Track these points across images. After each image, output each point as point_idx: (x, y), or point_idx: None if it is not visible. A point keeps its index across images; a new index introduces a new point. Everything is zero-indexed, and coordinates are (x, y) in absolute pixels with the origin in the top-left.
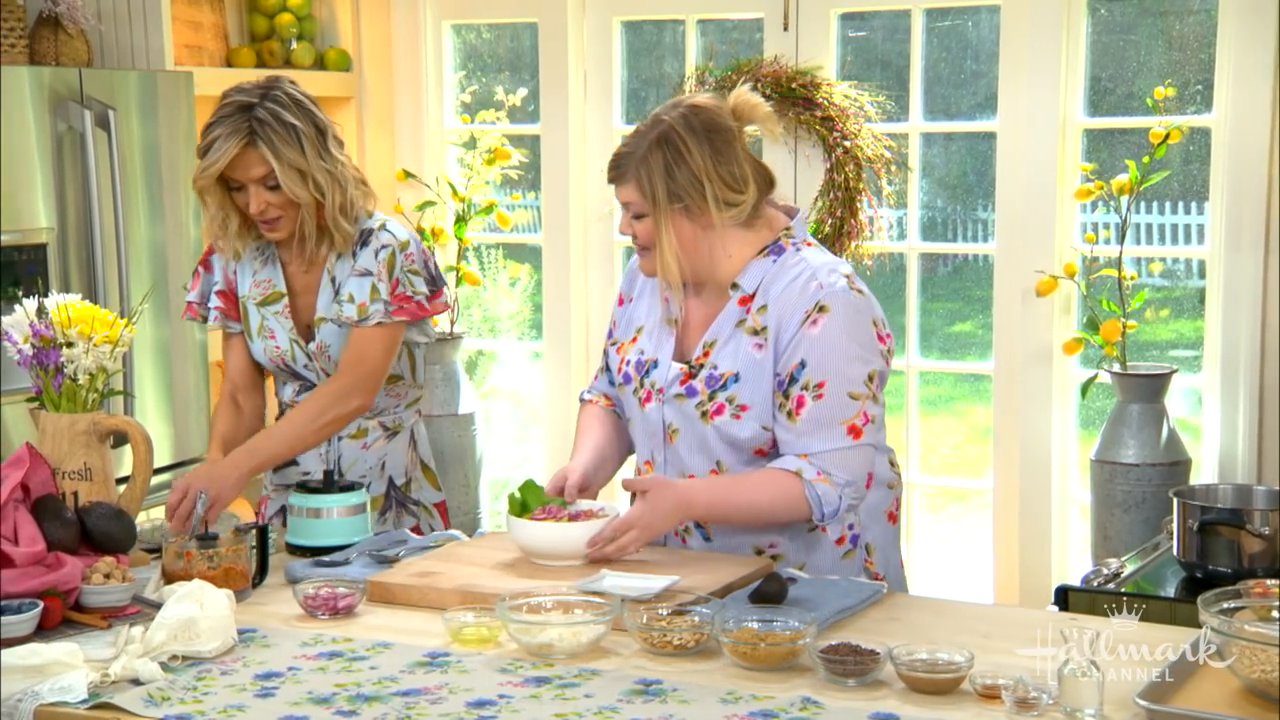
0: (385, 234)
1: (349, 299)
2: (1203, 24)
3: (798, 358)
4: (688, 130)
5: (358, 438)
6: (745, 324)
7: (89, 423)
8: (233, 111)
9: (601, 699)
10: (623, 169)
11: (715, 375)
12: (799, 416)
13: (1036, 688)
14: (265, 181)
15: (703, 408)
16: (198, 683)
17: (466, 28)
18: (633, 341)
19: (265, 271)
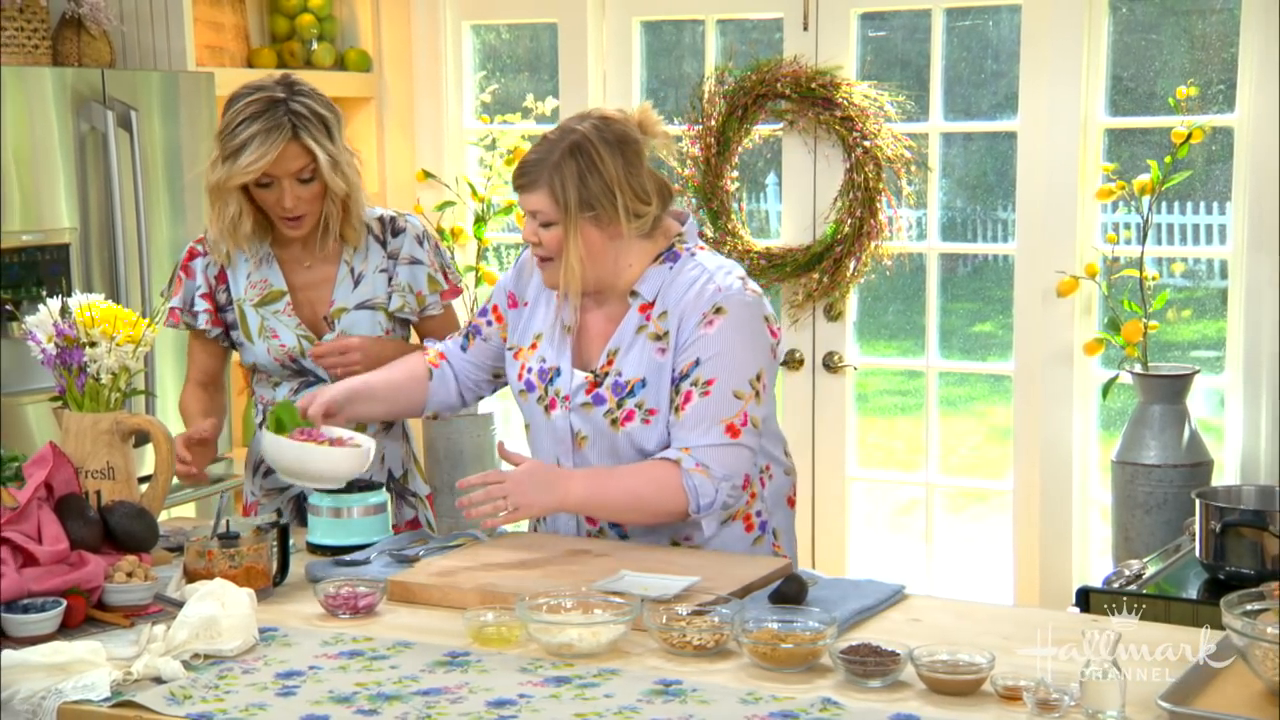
0: (413, 221)
1: (407, 289)
2: (1225, 23)
3: (693, 357)
4: (600, 140)
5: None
6: (646, 330)
7: (111, 422)
8: (264, 108)
9: (621, 699)
10: (533, 176)
11: (621, 382)
12: (683, 411)
13: (1058, 689)
14: (299, 175)
15: (612, 415)
16: (219, 681)
17: (486, 28)
18: (532, 348)
19: (260, 272)
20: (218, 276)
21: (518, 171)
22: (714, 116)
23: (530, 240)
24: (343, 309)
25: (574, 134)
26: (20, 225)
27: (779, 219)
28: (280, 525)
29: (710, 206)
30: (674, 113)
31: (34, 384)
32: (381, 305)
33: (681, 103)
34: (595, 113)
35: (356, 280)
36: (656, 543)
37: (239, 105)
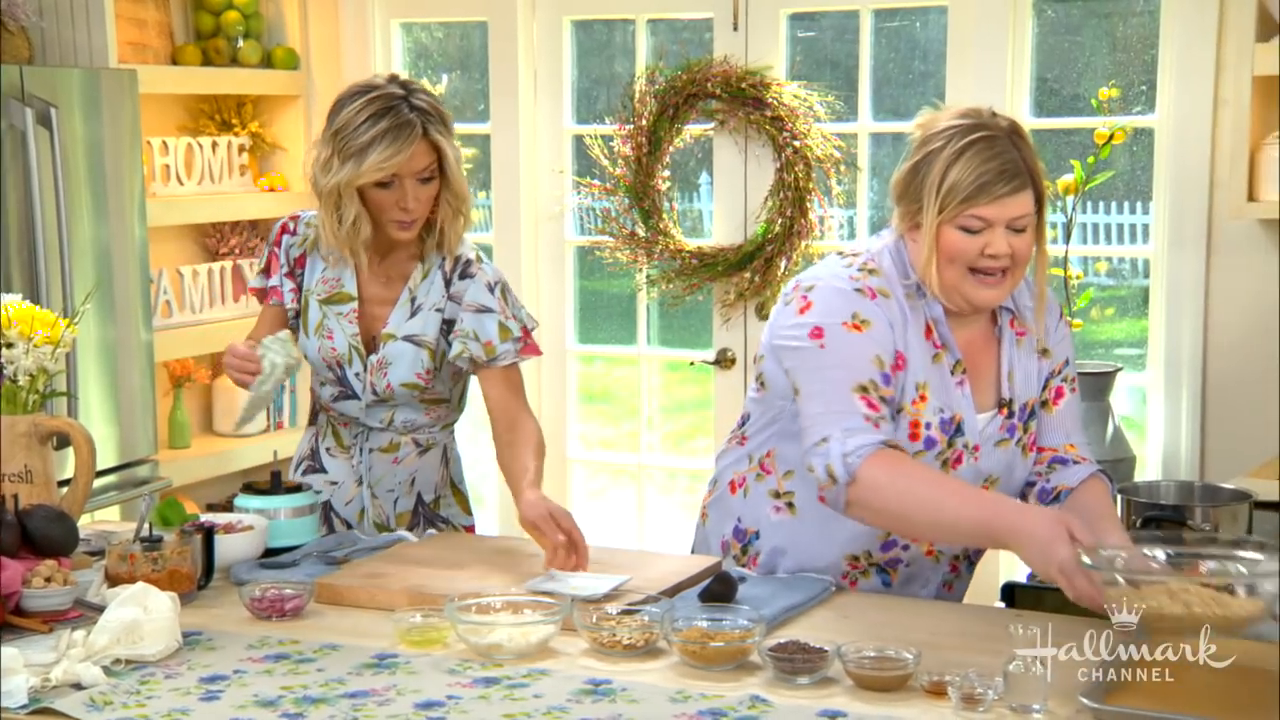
0: (489, 267)
1: (473, 336)
2: (1146, 25)
3: (1063, 356)
4: (1018, 121)
5: (389, 451)
6: (1025, 340)
7: (29, 424)
8: (387, 105)
9: (550, 699)
10: (1019, 176)
11: (1022, 406)
12: (1057, 406)
13: (982, 684)
14: (421, 175)
15: (1021, 443)
16: (141, 686)
17: (416, 26)
18: (920, 401)
19: (335, 270)
20: (298, 260)
21: (993, 178)
22: (645, 116)
23: (998, 254)
24: (391, 335)
25: (1005, 125)
26: None
27: (711, 218)
28: (205, 527)
29: (642, 206)
30: (605, 112)
31: None
32: (429, 345)
33: (612, 102)
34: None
35: (414, 310)
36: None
37: (357, 104)
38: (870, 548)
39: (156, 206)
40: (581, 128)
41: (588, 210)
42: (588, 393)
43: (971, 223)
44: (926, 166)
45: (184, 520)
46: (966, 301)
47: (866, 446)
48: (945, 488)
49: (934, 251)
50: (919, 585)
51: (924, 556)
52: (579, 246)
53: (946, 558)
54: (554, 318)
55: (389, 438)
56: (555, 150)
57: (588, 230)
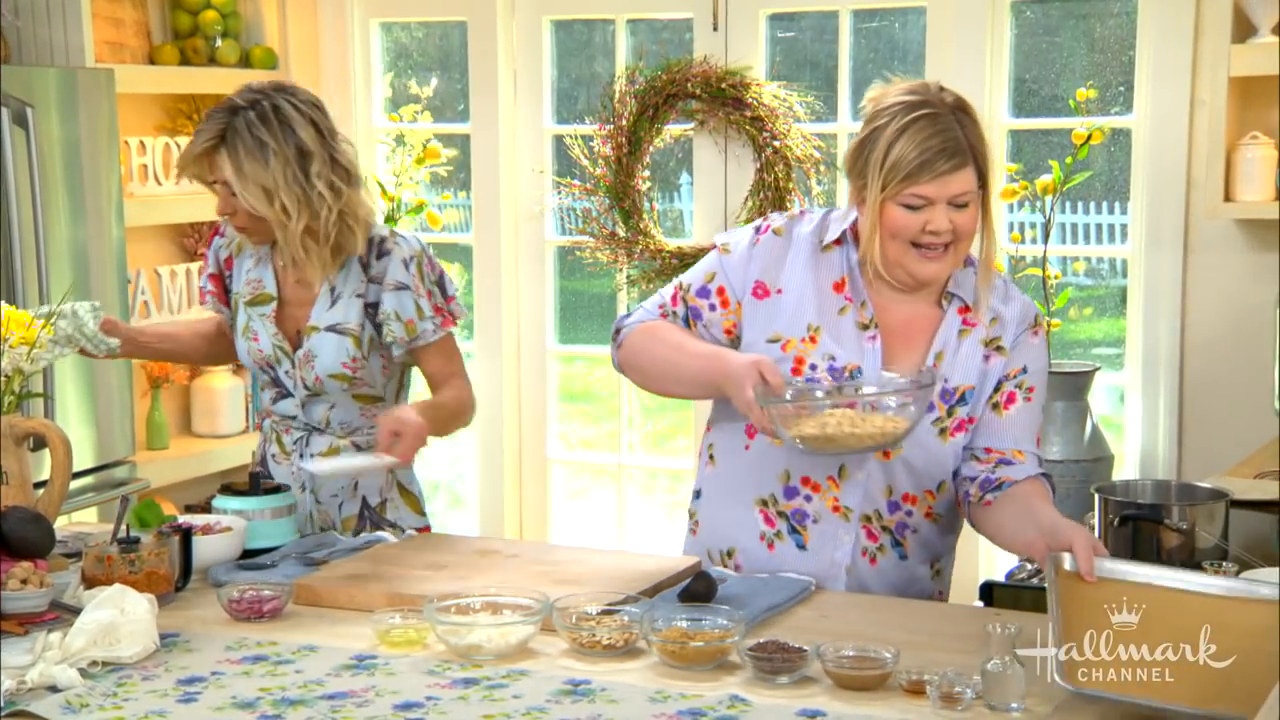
0: (404, 242)
1: (394, 316)
2: (1123, 26)
3: (1020, 363)
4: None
5: (329, 456)
6: (973, 334)
7: (5, 425)
8: (222, 111)
9: (530, 699)
10: (960, 153)
11: (949, 389)
12: (1008, 411)
13: (961, 683)
14: (230, 186)
15: (941, 425)
16: (118, 689)
17: (395, 26)
18: (810, 341)
19: (257, 271)
20: (226, 261)
21: (932, 157)
22: (625, 116)
23: (939, 230)
24: (315, 328)
25: (950, 102)
26: None
27: (692, 218)
28: (182, 529)
29: (622, 206)
30: (585, 112)
31: None
32: (353, 332)
33: (592, 102)
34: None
35: (334, 300)
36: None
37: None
38: (775, 490)
39: (134, 207)
40: (561, 128)
41: (568, 210)
42: (568, 392)
43: (912, 200)
44: (871, 143)
45: (162, 521)
46: (910, 276)
47: (641, 320)
48: (685, 348)
49: (877, 227)
50: (833, 547)
51: (830, 511)
52: (559, 246)
53: (855, 516)
54: (534, 317)
55: (329, 441)
56: (535, 150)
57: (568, 230)
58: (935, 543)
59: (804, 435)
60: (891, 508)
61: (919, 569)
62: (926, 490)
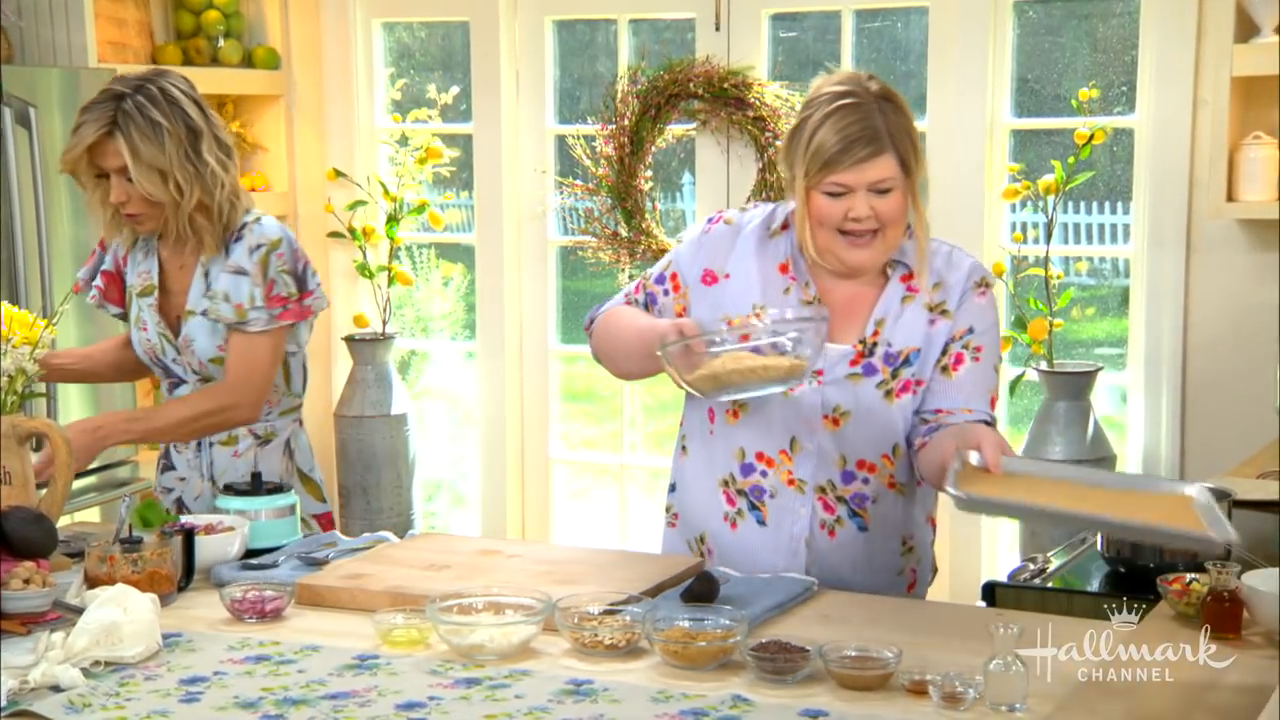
0: (259, 229)
1: (224, 298)
2: (1125, 26)
3: (966, 324)
4: (894, 90)
5: (228, 445)
6: (917, 299)
7: (8, 426)
8: (105, 99)
9: (532, 699)
10: (878, 141)
11: (892, 353)
12: (956, 372)
13: (963, 683)
14: (125, 173)
15: (886, 387)
16: (121, 688)
17: (398, 26)
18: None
19: (145, 263)
20: (123, 258)
21: (849, 145)
22: (627, 116)
23: (861, 217)
24: (190, 313)
25: (876, 91)
26: None
27: (694, 218)
28: (185, 529)
29: (625, 206)
30: (587, 112)
31: None
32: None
33: (595, 102)
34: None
35: (208, 285)
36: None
37: (99, 92)
38: (733, 470)
39: None
40: (564, 128)
41: (570, 210)
42: (570, 392)
43: (833, 187)
44: (799, 133)
45: (164, 521)
46: (841, 263)
47: (608, 307)
48: (632, 325)
49: (806, 215)
50: (790, 521)
51: (785, 485)
52: (561, 246)
53: (810, 488)
54: (536, 317)
55: (227, 430)
56: (538, 150)
57: (570, 230)
58: (900, 516)
59: (695, 379)
60: (847, 478)
61: (884, 543)
62: (883, 455)
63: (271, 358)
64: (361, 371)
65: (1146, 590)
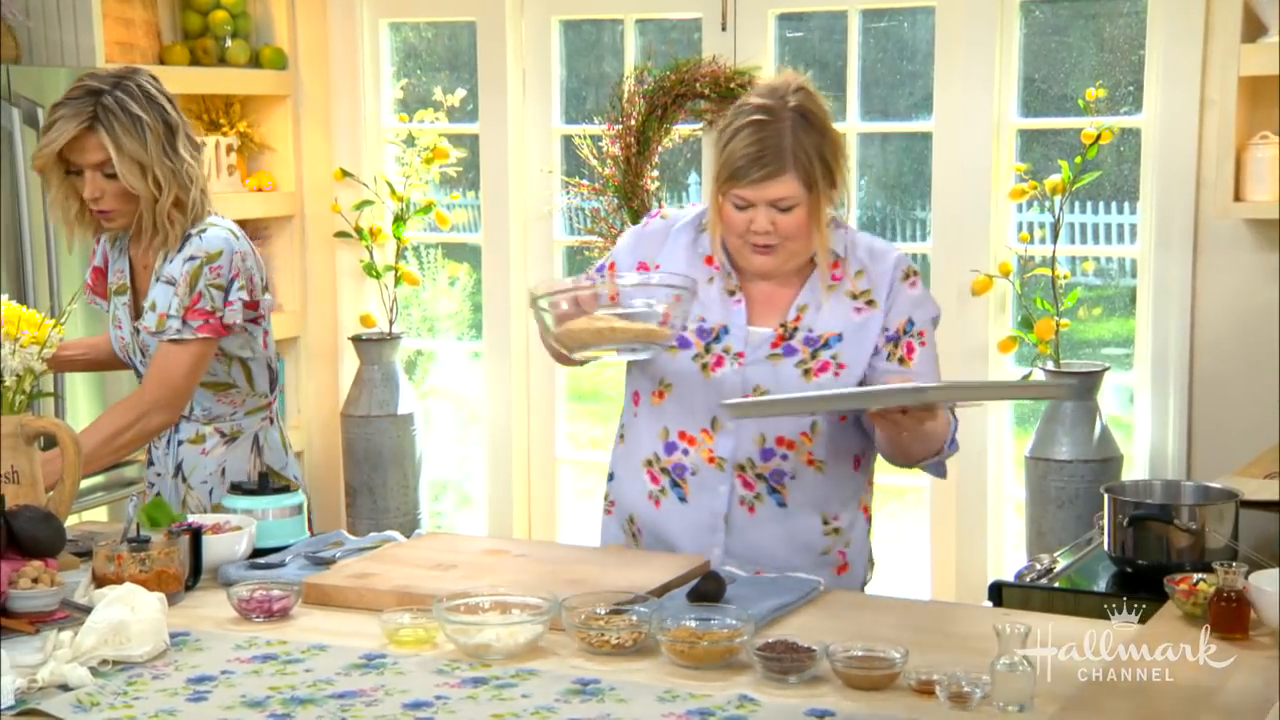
0: (200, 241)
1: (151, 306)
2: (1132, 26)
3: (905, 314)
4: (817, 107)
5: (196, 443)
6: (840, 288)
7: (16, 425)
8: (81, 95)
9: (539, 699)
10: (778, 162)
11: (813, 336)
12: (911, 360)
13: (970, 682)
14: (103, 169)
15: (805, 366)
16: (128, 687)
17: (404, 26)
18: None
19: (119, 262)
20: (104, 257)
21: (748, 164)
22: (634, 116)
23: (761, 231)
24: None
25: (792, 107)
26: None
27: None
28: (193, 529)
29: (631, 206)
30: (594, 112)
31: None
32: None
33: (601, 102)
34: (789, 82)
35: None
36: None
37: (70, 89)
38: (657, 449)
39: None
40: (570, 127)
41: (576, 210)
42: (576, 392)
43: (736, 200)
44: (718, 141)
45: (171, 521)
46: (748, 267)
47: None
48: None
49: (717, 221)
50: (710, 498)
51: (705, 463)
52: (568, 246)
53: (730, 465)
54: None
55: (195, 429)
56: (544, 150)
57: (576, 230)
58: (821, 494)
59: (557, 334)
60: (766, 454)
61: (805, 520)
62: (801, 433)
63: (189, 368)
64: (368, 371)
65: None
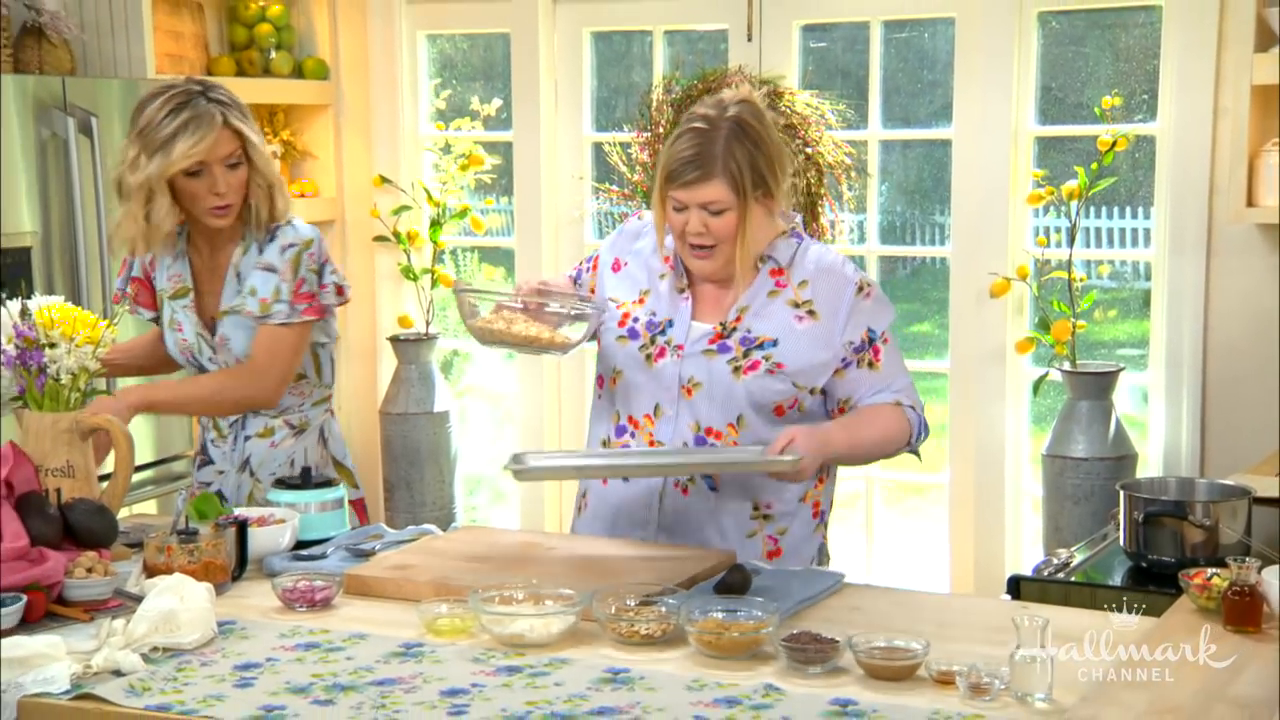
0: (291, 230)
1: (252, 292)
2: (1147, 36)
3: (863, 326)
4: (754, 118)
5: (265, 436)
6: (782, 295)
7: (71, 421)
8: (183, 101)
9: (571, 687)
10: (707, 167)
11: (750, 337)
12: (879, 364)
13: (989, 673)
14: (227, 161)
15: (735, 363)
16: (178, 673)
17: (441, 37)
18: (639, 303)
19: (176, 266)
20: (150, 263)
21: (681, 166)
22: (662, 124)
23: (695, 233)
24: (224, 312)
25: (729, 118)
26: None
27: None
28: (239, 521)
29: None
30: (623, 120)
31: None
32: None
33: (630, 110)
34: (734, 95)
35: (240, 284)
36: (742, 505)
37: (157, 103)
38: (610, 432)
39: None
40: (600, 135)
41: (606, 215)
42: None
43: (673, 201)
44: (665, 145)
45: (218, 514)
46: (690, 268)
47: None
48: None
49: (663, 222)
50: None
51: (647, 446)
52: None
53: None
54: None
55: (263, 422)
56: (575, 157)
57: (606, 233)
58: (756, 482)
59: (471, 326)
60: (699, 442)
61: (733, 504)
62: (728, 424)
63: (294, 349)
64: (405, 370)
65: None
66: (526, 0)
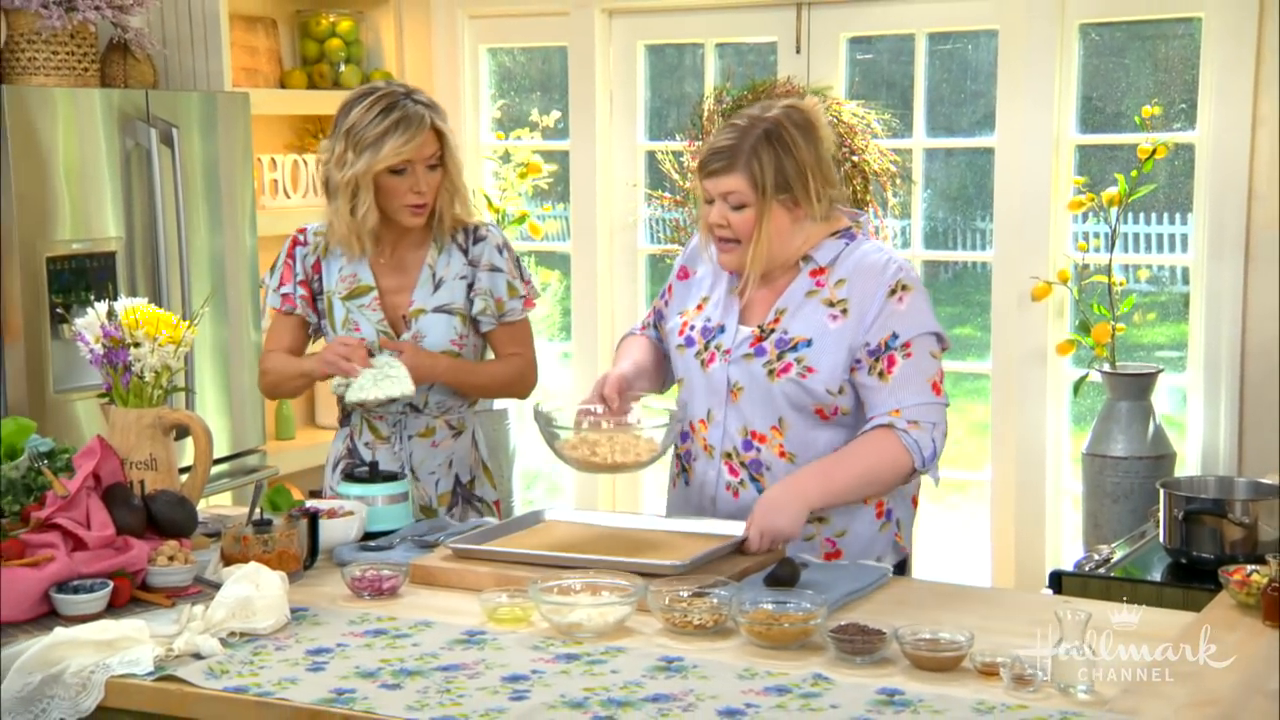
0: (495, 230)
1: (487, 293)
2: (1186, 47)
3: (888, 330)
4: (791, 124)
5: (426, 436)
6: (819, 295)
7: (154, 417)
8: (392, 103)
9: (627, 674)
10: (729, 159)
11: (785, 339)
12: (891, 374)
13: (1032, 666)
14: (429, 162)
15: (770, 366)
16: (254, 657)
17: (501, 51)
18: (698, 309)
19: (351, 267)
20: (313, 266)
21: (710, 156)
22: (712, 133)
23: (717, 224)
24: (421, 310)
25: (766, 119)
26: (70, 235)
27: None
28: (310, 513)
29: None
30: (675, 129)
31: (83, 382)
32: (460, 311)
33: (682, 120)
34: (782, 101)
35: (437, 284)
36: None
37: (365, 104)
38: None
39: (265, 218)
40: (653, 144)
41: (658, 221)
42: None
43: (703, 192)
44: None
45: (291, 506)
46: (719, 261)
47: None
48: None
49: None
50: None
51: (702, 450)
52: (650, 255)
53: (718, 453)
54: (627, 320)
55: (425, 422)
56: (629, 165)
57: (658, 239)
58: None
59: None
60: (746, 445)
61: None
62: (771, 426)
63: (532, 339)
64: None
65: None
66: (583, 14)
